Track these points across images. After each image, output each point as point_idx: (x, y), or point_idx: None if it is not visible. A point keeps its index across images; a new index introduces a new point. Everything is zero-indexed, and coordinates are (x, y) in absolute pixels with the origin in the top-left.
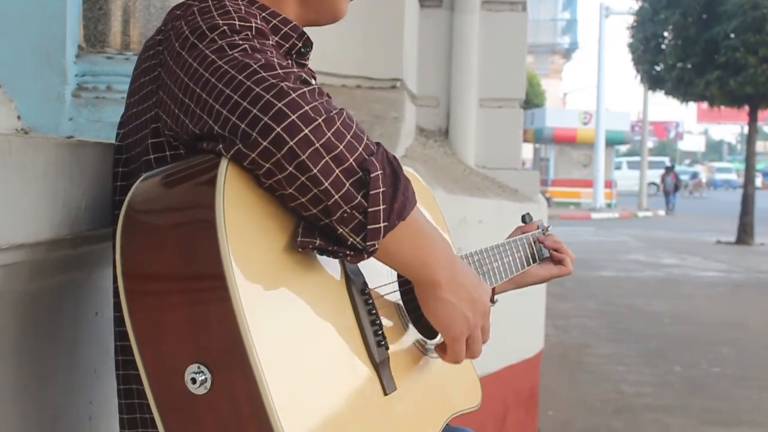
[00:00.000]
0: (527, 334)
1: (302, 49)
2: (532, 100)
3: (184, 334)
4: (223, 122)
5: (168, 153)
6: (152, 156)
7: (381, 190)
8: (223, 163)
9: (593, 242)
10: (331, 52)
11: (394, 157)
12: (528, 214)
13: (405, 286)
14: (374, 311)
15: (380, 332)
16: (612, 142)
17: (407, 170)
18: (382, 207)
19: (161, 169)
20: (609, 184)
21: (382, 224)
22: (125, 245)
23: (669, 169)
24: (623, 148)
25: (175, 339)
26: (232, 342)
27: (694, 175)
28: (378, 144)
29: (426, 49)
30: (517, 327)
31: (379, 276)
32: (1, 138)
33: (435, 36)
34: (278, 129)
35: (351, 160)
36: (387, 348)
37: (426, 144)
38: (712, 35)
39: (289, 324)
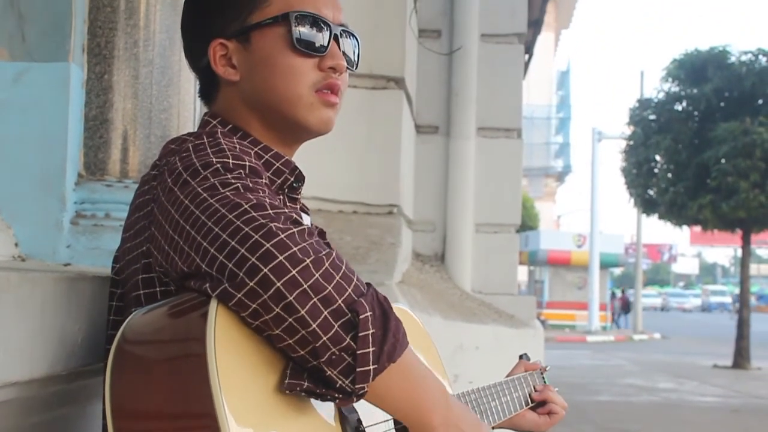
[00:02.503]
0: None
1: (294, 184)
2: (526, 223)
3: None
4: (210, 260)
5: (158, 289)
6: (142, 291)
7: (370, 331)
8: (214, 300)
9: (589, 366)
10: (328, 177)
11: (385, 298)
12: (525, 354)
13: (400, 424)
14: None
15: None
16: (606, 264)
17: (400, 307)
18: (371, 349)
19: (153, 306)
20: (604, 306)
21: (371, 366)
22: (115, 381)
23: (616, 294)
24: (617, 271)
25: None
26: None
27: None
28: (368, 285)
29: (422, 174)
30: None
31: (373, 413)
32: (0, 275)
33: (431, 161)
34: (265, 270)
35: (340, 301)
36: None
37: (422, 269)
38: (704, 160)
39: None
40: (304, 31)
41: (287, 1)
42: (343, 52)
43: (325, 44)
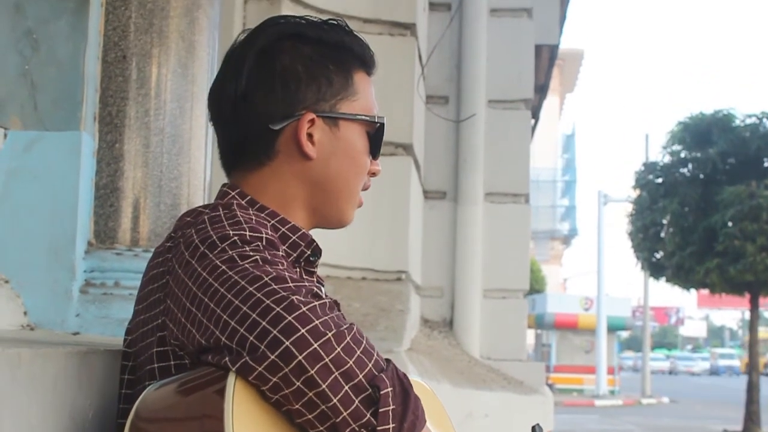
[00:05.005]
0: None
1: (311, 258)
2: (533, 286)
3: None
4: (230, 333)
5: (172, 363)
6: (156, 365)
7: (391, 408)
8: (231, 375)
9: (598, 431)
10: (337, 243)
11: (405, 374)
12: (538, 425)
13: None
14: None
15: None
16: (614, 328)
17: (418, 382)
18: (391, 426)
19: (167, 381)
20: (612, 370)
21: None
22: None
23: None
24: (625, 334)
25: None
26: None
27: None
28: (388, 360)
29: (430, 240)
30: None
31: None
32: (12, 352)
33: (439, 227)
34: (287, 342)
35: (360, 376)
36: None
37: (430, 335)
38: (711, 223)
39: None
40: (382, 137)
41: (368, 101)
42: None
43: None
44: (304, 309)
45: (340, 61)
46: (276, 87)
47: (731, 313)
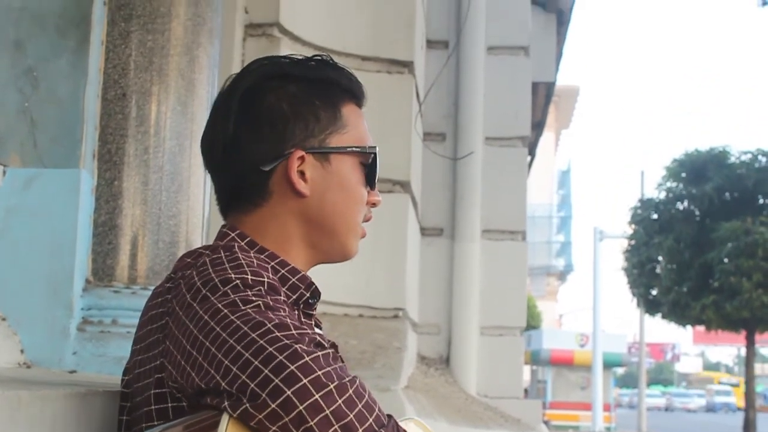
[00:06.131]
0: None
1: (310, 300)
2: (529, 322)
3: None
4: (231, 379)
5: (170, 405)
6: (153, 407)
7: None
8: (224, 421)
9: None
10: (334, 280)
11: (405, 430)
12: None
13: None
14: None
15: None
16: (609, 364)
17: (418, 421)
18: None
19: (165, 426)
20: (608, 407)
21: None
22: None
23: None
24: (621, 370)
25: None
26: None
27: None
28: (389, 416)
29: (427, 277)
30: None
31: None
32: (11, 394)
33: (436, 263)
34: (288, 392)
35: (361, 430)
36: None
37: (427, 372)
38: (707, 260)
39: None
40: (376, 166)
41: (359, 133)
42: None
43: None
44: (307, 359)
45: (327, 96)
46: (263, 128)
47: (727, 350)
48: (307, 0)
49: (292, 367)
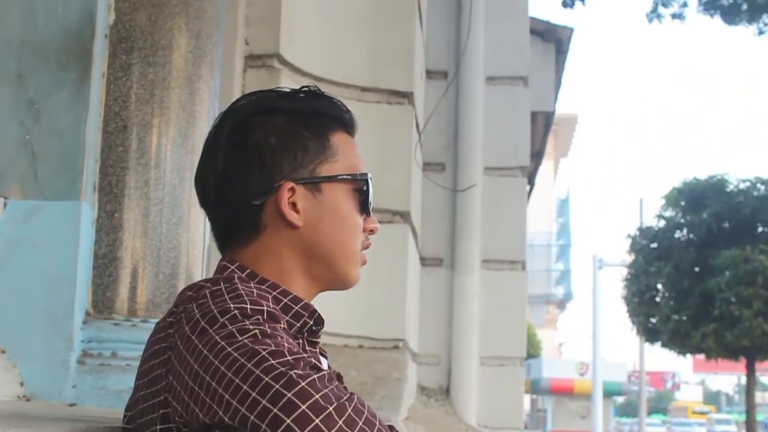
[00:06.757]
0: None
1: (313, 327)
2: (528, 351)
3: None
4: (232, 413)
5: None
6: None
7: None
8: None
9: None
10: (334, 311)
11: None
12: None
13: None
14: None
15: None
16: (609, 393)
17: None
18: None
19: None
20: None
21: None
22: None
23: None
24: (621, 399)
25: None
26: None
27: None
28: (391, 427)
29: (427, 307)
30: None
31: None
32: None
33: (436, 294)
34: (288, 421)
35: None
36: None
37: (427, 403)
38: (706, 288)
39: None
40: (369, 192)
41: (350, 160)
42: None
43: (371, 207)
44: (303, 384)
45: (315, 126)
46: (252, 163)
47: (727, 378)
48: (307, 31)
49: (289, 395)
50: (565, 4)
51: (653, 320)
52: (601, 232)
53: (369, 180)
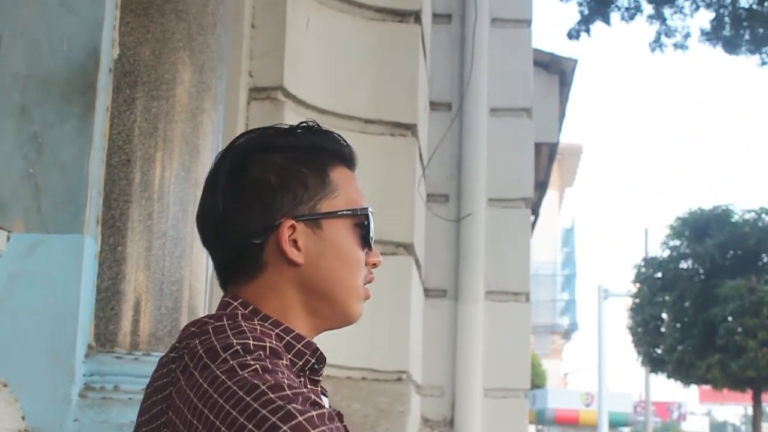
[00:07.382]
0: None
1: (315, 366)
2: (534, 381)
3: None
4: None
5: None
6: None
7: None
8: None
9: None
10: (336, 343)
11: None
12: None
13: None
14: None
15: None
16: (615, 424)
17: None
18: None
19: None
20: None
21: None
22: None
23: None
24: (626, 430)
25: None
26: None
27: None
28: None
29: (430, 338)
30: None
31: None
32: None
33: (440, 325)
34: None
35: None
36: None
37: None
38: (711, 317)
39: None
40: (370, 227)
41: (351, 195)
42: None
43: (373, 240)
44: (301, 419)
45: (314, 162)
46: (251, 202)
47: (734, 409)
48: (311, 63)
49: (285, 428)
50: (570, 36)
51: (658, 350)
52: (606, 262)
53: (370, 214)
